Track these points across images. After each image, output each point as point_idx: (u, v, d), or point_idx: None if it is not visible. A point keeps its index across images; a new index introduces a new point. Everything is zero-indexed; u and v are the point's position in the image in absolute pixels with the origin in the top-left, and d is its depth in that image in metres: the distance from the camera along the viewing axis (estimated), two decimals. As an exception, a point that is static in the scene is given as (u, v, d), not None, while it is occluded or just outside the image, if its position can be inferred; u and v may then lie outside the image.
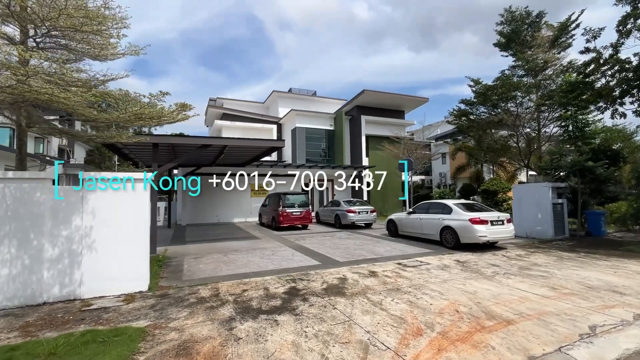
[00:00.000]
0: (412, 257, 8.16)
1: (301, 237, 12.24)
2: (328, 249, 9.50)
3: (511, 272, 6.51)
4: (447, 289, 5.42)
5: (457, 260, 7.72)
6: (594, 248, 9.09)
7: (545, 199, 10.84)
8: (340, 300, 4.87)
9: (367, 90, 21.07)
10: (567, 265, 7.05)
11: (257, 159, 14.27)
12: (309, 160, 22.86)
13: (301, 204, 14.91)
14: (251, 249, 9.57)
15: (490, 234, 8.67)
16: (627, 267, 6.76)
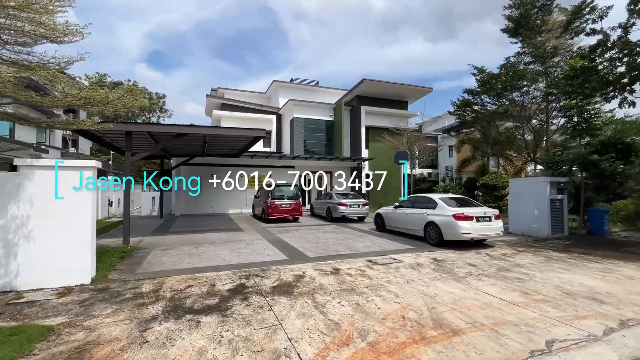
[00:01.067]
0: (389, 253, 7.69)
1: (286, 230, 11.91)
2: (305, 243, 9.12)
3: (487, 273, 5.97)
4: (406, 290, 4.95)
5: (434, 258, 7.20)
6: (591, 248, 8.37)
7: (542, 195, 10.09)
8: (282, 301, 4.49)
9: (366, 79, 20.34)
10: (552, 267, 6.43)
11: (247, 148, 13.93)
12: (307, 152, 22.42)
13: (291, 195, 14.55)
14: (227, 242, 9.29)
15: (474, 231, 8.08)
16: (619, 271, 6.10)
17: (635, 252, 7.83)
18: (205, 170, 19.36)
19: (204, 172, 19.32)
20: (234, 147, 13.76)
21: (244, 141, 11.98)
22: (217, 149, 14.45)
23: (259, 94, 28.73)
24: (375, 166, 22.87)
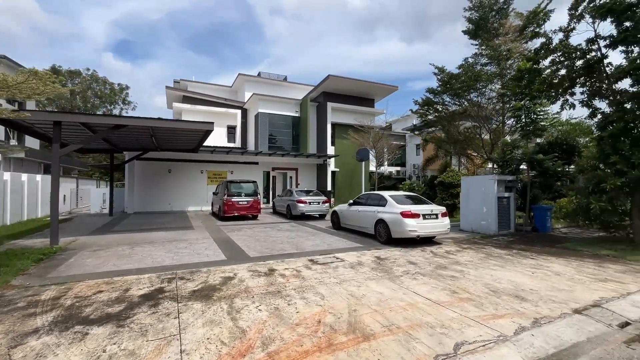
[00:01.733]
0: (335, 252, 7.51)
1: (240, 228, 11.47)
2: (254, 242, 8.76)
3: (424, 271, 5.92)
4: (335, 292, 4.75)
5: (377, 257, 7.10)
6: (530, 245, 8.64)
7: (490, 193, 10.34)
8: (195, 307, 4.13)
9: (332, 75, 20.14)
10: (489, 264, 6.51)
11: (202, 143, 13.29)
12: (272, 148, 21.94)
13: (249, 192, 14.09)
14: (170, 241, 8.75)
15: (421, 229, 8.08)
16: (549, 267, 6.26)
17: (569, 248, 8.15)
18: (162, 166, 18.42)
19: (161, 167, 18.38)
20: (188, 142, 13.09)
21: (195, 135, 11.38)
22: (170, 143, 13.69)
23: (225, 88, 27.81)
24: (342, 163, 22.82)
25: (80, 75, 43.40)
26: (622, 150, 7.71)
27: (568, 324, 3.78)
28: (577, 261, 6.78)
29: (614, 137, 7.86)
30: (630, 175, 7.49)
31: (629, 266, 6.40)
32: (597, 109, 8.97)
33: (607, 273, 5.90)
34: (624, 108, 7.88)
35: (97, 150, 15.15)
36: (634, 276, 5.69)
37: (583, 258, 7.08)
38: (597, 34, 8.42)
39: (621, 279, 5.54)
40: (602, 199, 7.87)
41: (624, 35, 7.86)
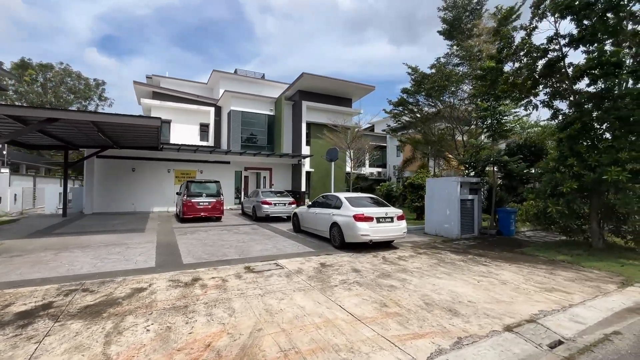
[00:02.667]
0: (279, 258, 6.99)
1: (193, 231, 10.83)
2: (199, 247, 8.15)
3: (363, 281, 5.45)
4: (250, 306, 4.23)
5: (322, 263, 6.61)
6: (489, 249, 8.32)
7: (453, 195, 10.02)
8: (72, 327, 3.54)
9: (306, 73, 19.65)
10: (437, 271, 6.10)
11: (158, 140, 12.57)
12: (245, 147, 21.29)
13: (211, 193, 13.44)
14: (106, 245, 8.06)
15: (374, 233, 7.64)
16: (498, 275, 5.90)
17: (526, 253, 7.86)
18: (126, 164, 17.53)
19: (124, 165, 17.49)
20: (143, 138, 12.36)
21: (148, 131, 10.68)
22: (126, 140, 12.92)
23: (201, 85, 26.95)
24: (318, 163, 22.33)
25: (53, 69, 41.66)
26: (580, 152, 7.46)
27: (493, 345, 3.36)
28: (529, 268, 6.45)
29: (572, 139, 7.61)
30: (586, 178, 7.24)
31: (581, 273, 6.10)
32: (558, 110, 8.74)
33: (555, 281, 5.57)
34: (582, 109, 7.64)
35: (48, 146, 14.19)
36: (582, 285, 5.37)
37: (537, 264, 6.77)
38: (557, 32, 8.18)
39: (568, 288, 5.21)
40: (559, 202, 7.61)
41: (582, 34, 7.63)
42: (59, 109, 8.58)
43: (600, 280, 5.71)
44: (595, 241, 7.86)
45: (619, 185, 6.81)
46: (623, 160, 6.79)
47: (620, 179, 6.63)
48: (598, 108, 7.37)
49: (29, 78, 38.31)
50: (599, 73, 7.02)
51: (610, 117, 7.02)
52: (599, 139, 7.37)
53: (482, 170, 11.12)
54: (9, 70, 35.63)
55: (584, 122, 7.35)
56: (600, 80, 7.14)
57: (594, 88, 7.47)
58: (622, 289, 5.21)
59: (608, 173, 6.76)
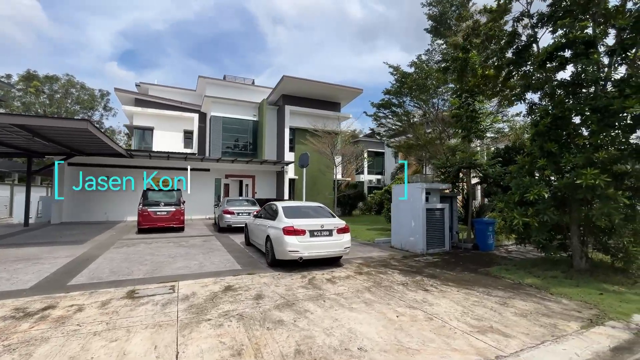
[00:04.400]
0: (187, 278, 5.97)
1: (136, 243, 9.94)
2: (114, 263, 7.22)
3: (250, 313, 4.34)
4: (59, 352, 3.20)
5: (228, 286, 5.52)
6: (449, 268, 7.02)
7: (417, 203, 8.76)
8: None
9: (286, 76, 18.82)
10: (357, 300, 4.92)
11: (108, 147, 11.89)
12: (227, 154, 20.54)
13: (169, 202, 12.61)
14: (17, 260, 7.25)
15: (305, 249, 6.51)
16: (432, 307, 4.66)
17: (492, 274, 6.53)
18: (98, 172, 17.01)
19: (97, 173, 16.97)
20: (84, 143, 11.64)
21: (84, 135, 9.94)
22: (81, 146, 12.29)
23: (190, 92, 26.59)
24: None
25: (59, 81, 42.68)
26: (551, 151, 6.15)
27: None
28: (480, 295, 5.17)
29: (541, 136, 6.31)
30: (559, 183, 5.92)
31: (543, 304, 4.78)
32: (534, 104, 7.44)
33: (502, 316, 4.30)
34: (554, 99, 6.35)
35: (6, 154, 13.77)
36: (533, 322, 4.08)
37: (494, 290, 5.47)
38: (527, 11, 6.95)
39: (512, 327, 3.94)
40: (527, 212, 6.27)
41: (553, 10, 6.39)
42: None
43: (564, 315, 4.39)
44: (576, 260, 6.46)
45: (597, 192, 5.47)
46: (600, 160, 5.46)
47: (597, 184, 5.30)
48: (571, 98, 6.08)
49: (34, 89, 39.21)
50: (569, 55, 5.76)
51: (585, 108, 5.73)
52: (574, 135, 6.04)
53: (456, 175, 9.82)
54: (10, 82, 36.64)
55: (555, 115, 6.06)
56: (572, 64, 5.86)
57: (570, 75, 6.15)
58: (586, 330, 3.90)
59: (583, 177, 5.45)
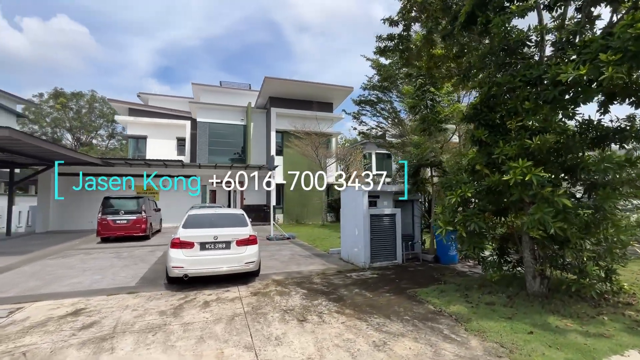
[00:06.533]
0: (60, 297, 5.27)
1: (78, 254, 9.54)
2: (18, 277, 6.73)
3: (43, 351, 3.49)
4: None
5: (80, 309, 4.73)
6: (374, 289, 5.74)
7: (359, 209, 7.53)
8: None
9: (268, 77, 18.13)
10: (191, 335, 3.91)
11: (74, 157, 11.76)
12: (215, 159, 20.18)
13: (130, 210, 12.23)
14: None
15: (191, 265, 5.59)
16: (270, 351, 3.54)
17: (417, 297, 5.20)
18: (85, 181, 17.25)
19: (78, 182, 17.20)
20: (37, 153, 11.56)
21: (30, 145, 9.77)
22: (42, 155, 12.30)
23: (188, 99, 26.77)
24: (293, 175, 20.46)
25: (83, 97, 45.40)
26: (481, 139, 4.78)
27: None
28: (367, 329, 3.96)
29: (471, 120, 4.95)
30: (487, 181, 4.55)
31: (436, 347, 3.50)
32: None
33: (354, 367, 3.11)
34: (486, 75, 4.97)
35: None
36: (383, 382, 2.86)
37: (395, 321, 4.22)
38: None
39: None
40: (453, 219, 4.91)
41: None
42: None
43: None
44: (529, 280, 4.96)
45: (529, 192, 4.06)
46: (536, 148, 4.05)
47: (528, 180, 3.92)
48: (503, 69, 4.68)
49: (60, 105, 41.93)
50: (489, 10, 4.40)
51: (515, 80, 4.33)
52: (509, 116, 4.62)
53: (416, 174, 8.44)
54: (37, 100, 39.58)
55: (484, 93, 4.70)
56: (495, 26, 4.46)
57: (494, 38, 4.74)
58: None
59: (512, 171, 4.07)
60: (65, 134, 44.51)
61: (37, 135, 40.66)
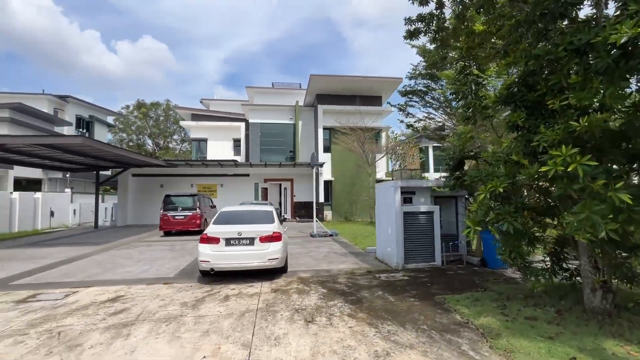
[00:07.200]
0: (108, 285, 5.97)
1: (141, 245, 10.75)
2: (87, 265, 7.82)
3: (71, 332, 3.94)
4: None
5: (119, 296, 5.25)
6: (399, 293, 5.30)
7: (392, 207, 7.04)
8: None
9: (313, 75, 18.17)
10: (199, 328, 4.01)
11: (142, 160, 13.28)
12: (266, 158, 21.01)
13: (186, 207, 13.37)
14: (28, 259, 8.54)
15: (217, 260, 5.82)
16: (265, 350, 3.45)
17: (445, 304, 4.65)
18: (155, 181, 19.38)
19: (154, 182, 19.36)
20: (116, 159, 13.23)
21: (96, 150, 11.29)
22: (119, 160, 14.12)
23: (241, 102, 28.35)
24: (342, 171, 20.32)
25: (160, 106, 51.25)
26: (517, 123, 4.02)
27: None
28: (374, 336, 3.65)
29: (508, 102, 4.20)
30: (523, 173, 3.82)
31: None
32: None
33: (342, 378, 2.86)
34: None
35: (78, 169, 16.81)
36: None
37: (411, 330, 3.82)
38: None
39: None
40: (484, 218, 4.23)
41: None
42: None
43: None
44: (586, 293, 4.07)
45: (573, 186, 3.29)
46: (582, 131, 3.26)
47: (570, 172, 3.19)
48: (542, 39, 3.84)
49: (141, 115, 47.96)
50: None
51: (558, 50, 3.52)
52: (552, 94, 3.76)
53: (458, 168, 7.59)
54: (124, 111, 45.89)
55: (521, 70, 3.94)
56: None
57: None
58: None
59: (551, 161, 3.36)
60: (147, 139, 50.77)
61: (124, 142, 47.22)
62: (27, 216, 15.58)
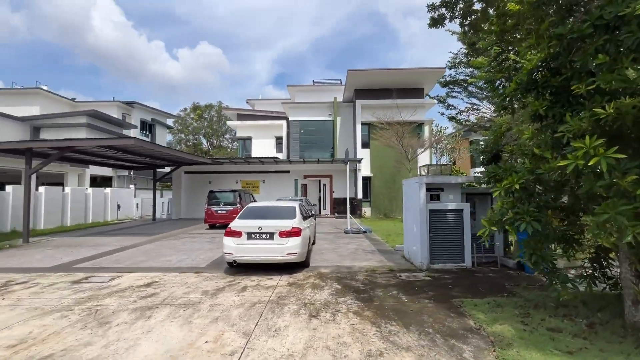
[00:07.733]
0: (147, 271, 6.66)
1: (182, 236, 11.71)
2: (135, 254, 8.77)
3: (106, 311, 4.48)
4: (-52, 317, 4.24)
5: (154, 282, 5.82)
6: (416, 294, 5.09)
7: (416, 203, 6.74)
8: None
9: (351, 70, 17.97)
10: (210, 315, 4.28)
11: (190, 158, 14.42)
12: (306, 155, 21.38)
13: (228, 202, 14.20)
14: (94, 246, 9.84)
15: (239, 252, 6.14)
16: (260, 342, 3.57)
17: (460, 309, 4.36)
18: (205, 177, 20.88)
19: (203, 178, 20.86)
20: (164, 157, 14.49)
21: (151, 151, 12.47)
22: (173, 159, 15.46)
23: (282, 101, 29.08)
24: (381, 167, 19.90)
25: (213, 108, 54.81)
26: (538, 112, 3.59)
27: None
28: (374, 335, 3.59)
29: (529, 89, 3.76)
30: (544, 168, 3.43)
31: (435, 371, 2.91)
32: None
33: (327, 374, 2.88)
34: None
35: (139, 167, 18.74)
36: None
37: (414, 332, 3.69)
38: None
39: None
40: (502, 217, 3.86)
41: None
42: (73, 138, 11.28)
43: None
44: (627, 305, 3.53)
45: (599, 183, 2.86)
46: (609, 119, 2.81)
47: (592, 166, 2.80)
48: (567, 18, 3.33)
49: (197, 116, 51.77)
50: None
51: (585, 27, 3.05)
52: (578, 78, 3.26)
53: (494, 161, 7.00)
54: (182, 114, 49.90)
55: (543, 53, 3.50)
56: None
57: None
58: None
59: (571, 154, 2.98)
60: (202, 139, 54.71)
61: (182, 141, 51.40)
62: (98, 209, 17.86)
